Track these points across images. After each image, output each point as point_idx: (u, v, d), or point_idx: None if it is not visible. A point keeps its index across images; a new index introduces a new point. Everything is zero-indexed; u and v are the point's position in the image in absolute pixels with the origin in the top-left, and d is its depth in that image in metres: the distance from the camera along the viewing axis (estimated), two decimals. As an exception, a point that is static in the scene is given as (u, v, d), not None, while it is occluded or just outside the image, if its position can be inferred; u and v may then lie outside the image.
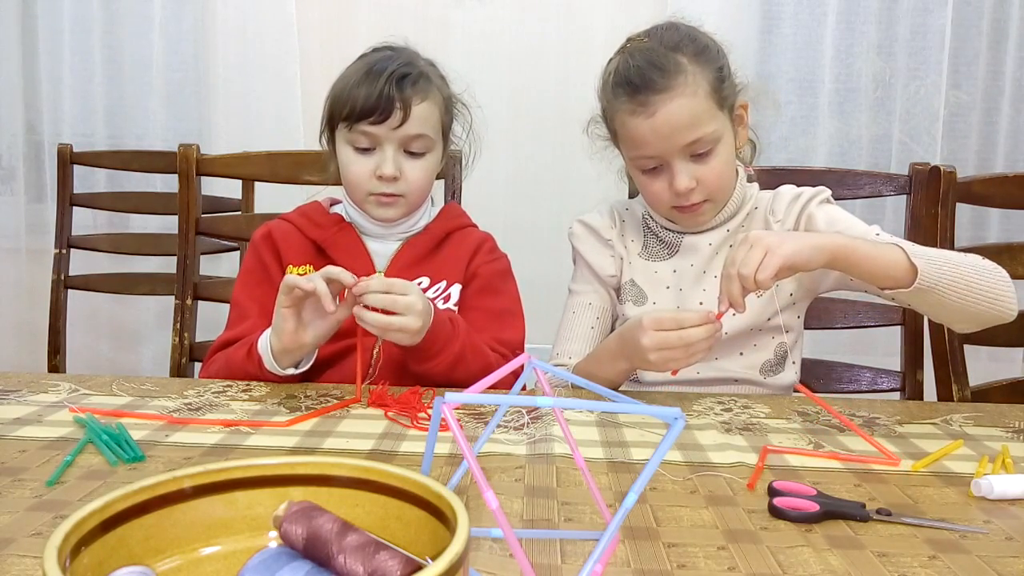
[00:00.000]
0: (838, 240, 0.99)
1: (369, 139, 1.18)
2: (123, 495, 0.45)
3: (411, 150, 1.19)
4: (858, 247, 0.99)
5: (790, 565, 0.60)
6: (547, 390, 0.62)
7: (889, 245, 1.02)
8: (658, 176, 1.16)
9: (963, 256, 1.03)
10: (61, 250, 1.93)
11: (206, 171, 1.53)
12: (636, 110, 1.12)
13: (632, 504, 0.49)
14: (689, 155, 1.13)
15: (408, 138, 1.18)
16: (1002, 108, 2.26)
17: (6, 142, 2.44)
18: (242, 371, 1.10)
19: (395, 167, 1.17)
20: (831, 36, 2.23)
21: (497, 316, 1.22)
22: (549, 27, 2.33)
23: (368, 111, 1.15)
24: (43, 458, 0.79)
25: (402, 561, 0.44)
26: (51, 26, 2.38)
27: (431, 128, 1.19)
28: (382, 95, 1.14)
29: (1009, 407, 1.05)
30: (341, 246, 1.23)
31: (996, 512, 0.71)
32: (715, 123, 1.12)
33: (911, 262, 0.98)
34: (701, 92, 1.10)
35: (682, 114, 1.10)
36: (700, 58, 1.12)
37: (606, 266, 1.25)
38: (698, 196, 1.15)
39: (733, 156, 1.18)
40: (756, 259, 0.93)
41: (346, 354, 1.18)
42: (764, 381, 1.21)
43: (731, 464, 0.81)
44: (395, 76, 1.15)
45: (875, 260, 1.00)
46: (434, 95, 1.20)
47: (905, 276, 0.99)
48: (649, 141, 1.12)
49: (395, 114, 1.15)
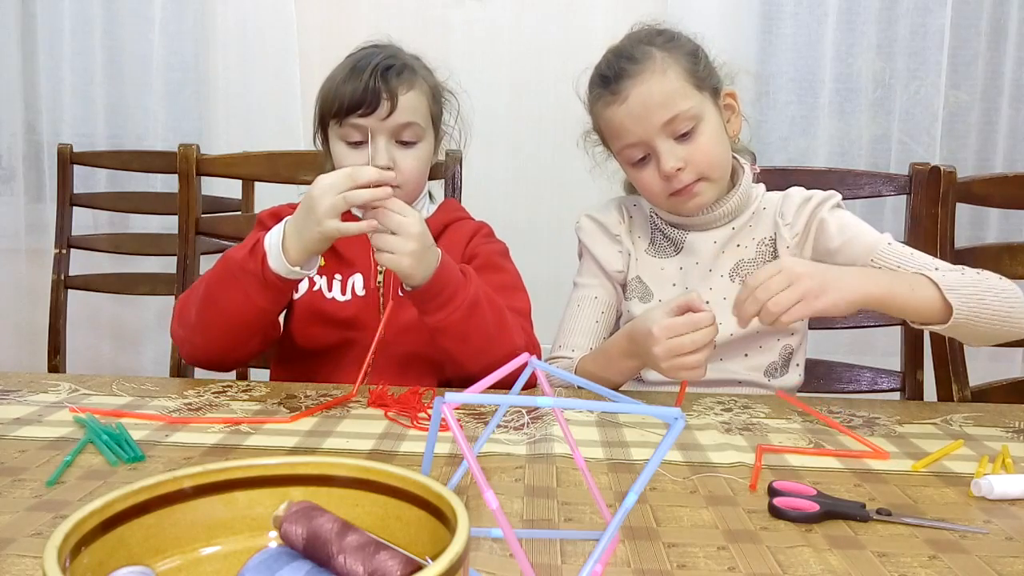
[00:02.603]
0: (874, 291, 0.98)
1: (360, 132, 1.19)
2: (123, 495, 0.45)
3: (402, 139, 1.20)
4: (895, 295, 0.99)
5: (790, 565, 0.60)
6: (547, 390, 0.62)
7: (919, 278, 1.02)
8: (647, 166, 1.17)
9: (983, 278, 1.05)
10: (61, 250, 1.93)
11: (206, 171, 1.53)
12: (610, 100, 1.15)
13: (632, 504, 0.49)
14: (671, 136, 1.13)
15: (398, 127, 1.19)
16: (1001, 108, 2.26)
17: (6, 142, 2.44)
18: (231, 275, 1.07)
19: (388, 157, 1.18)
20: (831, 36, 2.23)
21: (502, 288, 1.21)
22: (549, 27, 2.33)
23: (356, 104, 1.17)
24: (43, 458, 0.79)
25: (402, 561, 0.44)
26: (51, 26, 2.38)
27: (420, 116, 1.21)
28: (368, 87, 1.16)
29: (1009, 407, 1.05)
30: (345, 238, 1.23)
31: (996, 512, 0.71)
32: (691, 101, 1.13)
33: (945, 299, 0.99)
34: (672, 72, 1.12)
35: (653, 93, 1.12)
36: (669, 44, 1.15)
37: (613, 261, 1.25)
38: (689, 176, 1.14)
39: (721, 136, 1.17)
40: (788, 302, 0.92)
41: (343, 348, 1.20)
42: (768, 383, 1.21)
43: (731, 464, 0.81)
44: (380, 68, 1.17)
45: (909, 303, 1.00)
46: (420, 84, 1.21)
47: (940, 314, 1.00)
48: (627, 126, 1.14)
49: (383, 104, 1.17)
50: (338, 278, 1.23)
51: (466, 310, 1.06)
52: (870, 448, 0.85)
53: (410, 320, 1.14)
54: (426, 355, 1.18)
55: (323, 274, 1.24)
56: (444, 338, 1.08)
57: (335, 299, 1.22)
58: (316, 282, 1.24)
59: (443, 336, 1.07)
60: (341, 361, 1.20)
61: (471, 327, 1.07)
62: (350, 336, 1.20)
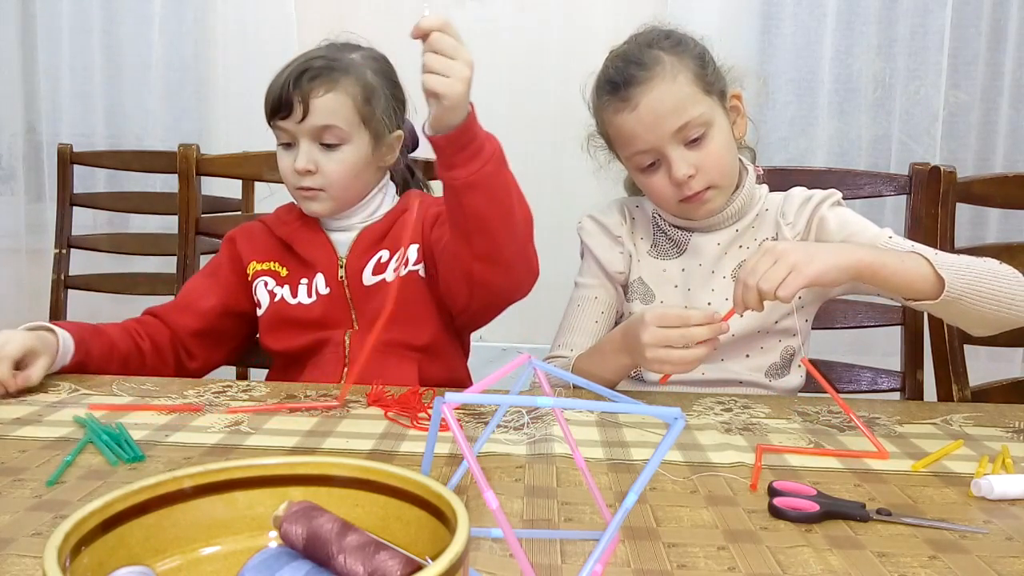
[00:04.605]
0: (864, 258, 0.97)
1: (286, 135, 1.21)
2: (123, 495, 0.45)
3: (324, 142, 1.20)
4: (885, 263, 0.98)
5: (790, 565, 0.60)
6: (547, 390, 0.62)
7: (912, 255, 1.01)
8: (657, 171, 1.16)
9: (981, 261, 1.03)
10: (61, 250, 1.93)
11: (206, 171, 1.53)
12: (620, 106, 1.13)
13: (632, 504, 0.49)
14: (682, 142, 1.12)
15: (316, 130, 1.19)
16: (1001, 108, 2.26)
17: (6, 142, 2.44)
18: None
19: (307, 160, 1.19)
20: (831, 36, 2.23)
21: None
22: (549, 27, 2.33)
23: (275, 108, 1.19)
24: (43, 458, 0.79)
25: (402, 561, 0.44)
26: (50, 26, 2.38)
27: (341, 119, 1.19)
28: (282, 91, 1.18)
29: (1009, 407, 1.05)
30: (304, 239, 1.27)
31: (996, 512, 0.71)
32: (701, 107, 1.12)
33: (937, 274, 0.98)
34: (682, 78, 1.11)
35: (664, 100, 1.11)
36: (678, 48, 1.13)
37: (615, 262, 1.25)
38: (700, 183, 1.14)
39: (730, 141, 1.17)
40: (779, 276, 0.91)
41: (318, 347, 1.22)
42: (770, 384, 1.20)
43: (731, 464, 0.81)
44: (295, 72, 1.18)
45: (902, 275, 0.98)
46: (345, 85, 1.19)
47: (932, 288, 0.98)
48: (638, 134, 1.13)
49: (296, 108, 1.17)
50: (304, 282, 1.25)
51: (497, 162, 1.03)
52: (876, 447, 0.85)
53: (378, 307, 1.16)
54: (404, 341, 1.20)
55: (285, 283, 1.26)
56: (476, 195, 1.02)
57: (301, 303, 1.24)
58: (277, 293, 1.25)
59: (475, 193, 1.01)
60: (321, 360, 1.22)
61: (500, 182, 1.03)
62: (323, 335, 1.22)
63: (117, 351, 1.17)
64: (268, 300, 1.25)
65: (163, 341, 1.24)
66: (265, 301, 1.26)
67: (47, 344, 1.06)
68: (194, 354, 1.27)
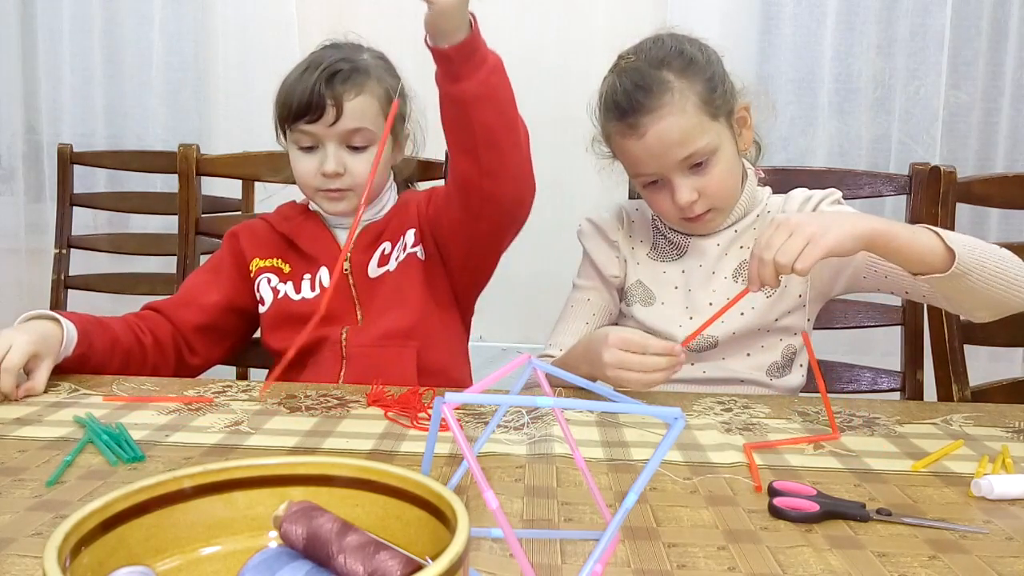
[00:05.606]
0: (878, 227, 0.96)
1: (310, 138, 1.20)
2: (123, 495, 0.45)
3: (353, 144, 1.20)
4: (898, 233, 0.97)
5: (790, 565, 0.60)
6: (547, 390, 0.62)
7: (922, 229, 1.01)
8: (661, 190, 1.17)
9: (987, 244, 1.03)
10: (61, 250, 1.93)
11: (206, 171, 1.53)
12: (627, 132, 1.13)
13: (632, 504, 0.49)
14: (687, 168, 1.13)
15: (347, 133, 1.19)
16: (1002, 108, 2.26)
17: (6, 142, 2.44)
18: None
19: (337, 164, 1.19)
20: (831, 36, 2.23)
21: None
22: (549, 27, 2.33)
23: (303, 111, 1.17)
24: (43, 458, 0.79)
25: (402, 561, 0.44)
26: (51, 26, 2.38)
27: (370, 121, 1.20)
28: (313, 94, 1.16)
29: (1009, 407, 1.05)
30: (307, 235, 1.27)
31: (996, 512, 0.71)
32: (708, 136, 1.12)
33: (947, 247, 0.97)
34: (690, 107, 1.11)
35: (672, 132, 1.10)
36: (687, 71, 1.12)
37: (610, 266, 1.26)
38: (702, 206, 1.15)
39: (734, 162, 1.18)
40: (796, 248, 0.90)
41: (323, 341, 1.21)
42: (771, 383, 1.20)
43: (731, 464, 0.81)
44: (325, 74, 1.16)
45: (912, 245, 0.98)
46: (372, 88, 1.20)
47: (941, 262, 0.98)
48: (644, 160, 1.14)
49: (328, 111, 1.17)
50: (307, 277, 1.25)
51: (501, 73, 1.04)
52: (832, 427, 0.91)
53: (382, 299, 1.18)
54: (401, 328, 1.20)
55: (289, 279, 1.26)
56: (485, 107, 1.03)
57: (305, 298, 1.24)
58: (280, 290, 1.25)
59: (484, 105, 1.03)
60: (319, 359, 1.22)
61: (505, 94, 1.05)
62: (321, 333, 1.21)
63: (119, 345, 1.17)
64: (272, 297, 1.26)
65: (164, 336, 1.23)
66: (268, 298, 1.26)
67: (50, 345, 1.05)
68: (195, 349, 1.26)
